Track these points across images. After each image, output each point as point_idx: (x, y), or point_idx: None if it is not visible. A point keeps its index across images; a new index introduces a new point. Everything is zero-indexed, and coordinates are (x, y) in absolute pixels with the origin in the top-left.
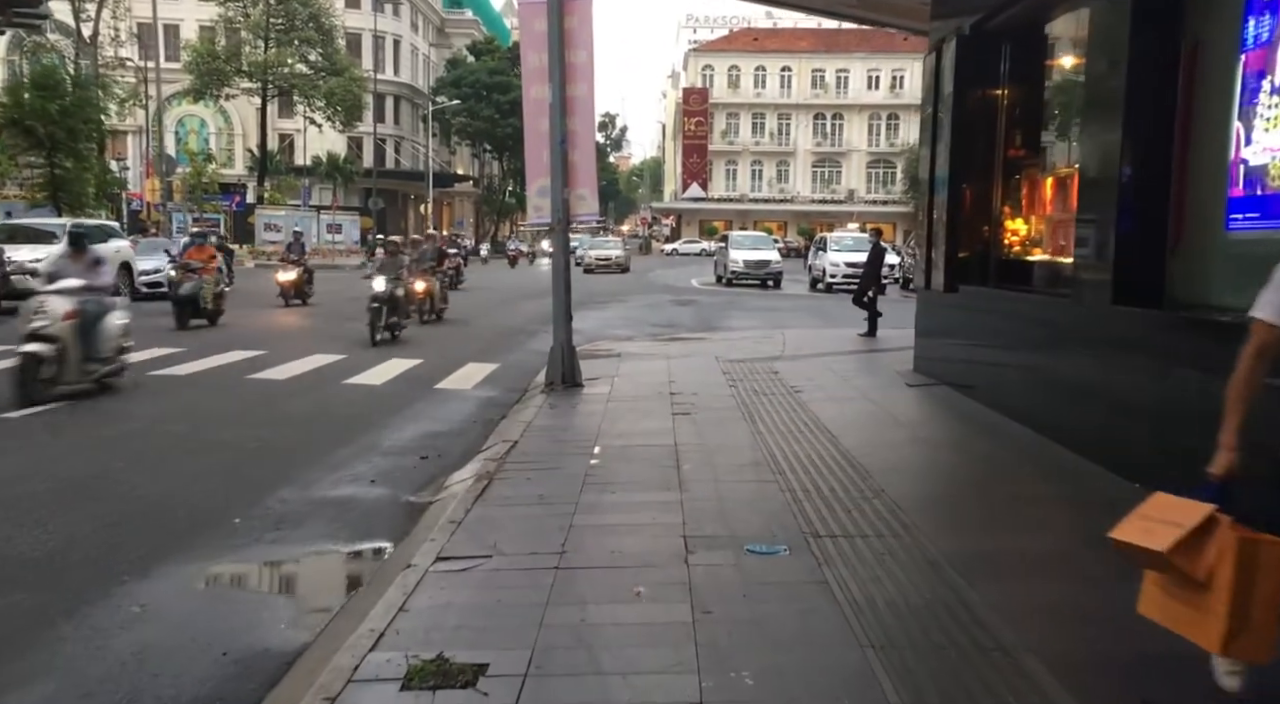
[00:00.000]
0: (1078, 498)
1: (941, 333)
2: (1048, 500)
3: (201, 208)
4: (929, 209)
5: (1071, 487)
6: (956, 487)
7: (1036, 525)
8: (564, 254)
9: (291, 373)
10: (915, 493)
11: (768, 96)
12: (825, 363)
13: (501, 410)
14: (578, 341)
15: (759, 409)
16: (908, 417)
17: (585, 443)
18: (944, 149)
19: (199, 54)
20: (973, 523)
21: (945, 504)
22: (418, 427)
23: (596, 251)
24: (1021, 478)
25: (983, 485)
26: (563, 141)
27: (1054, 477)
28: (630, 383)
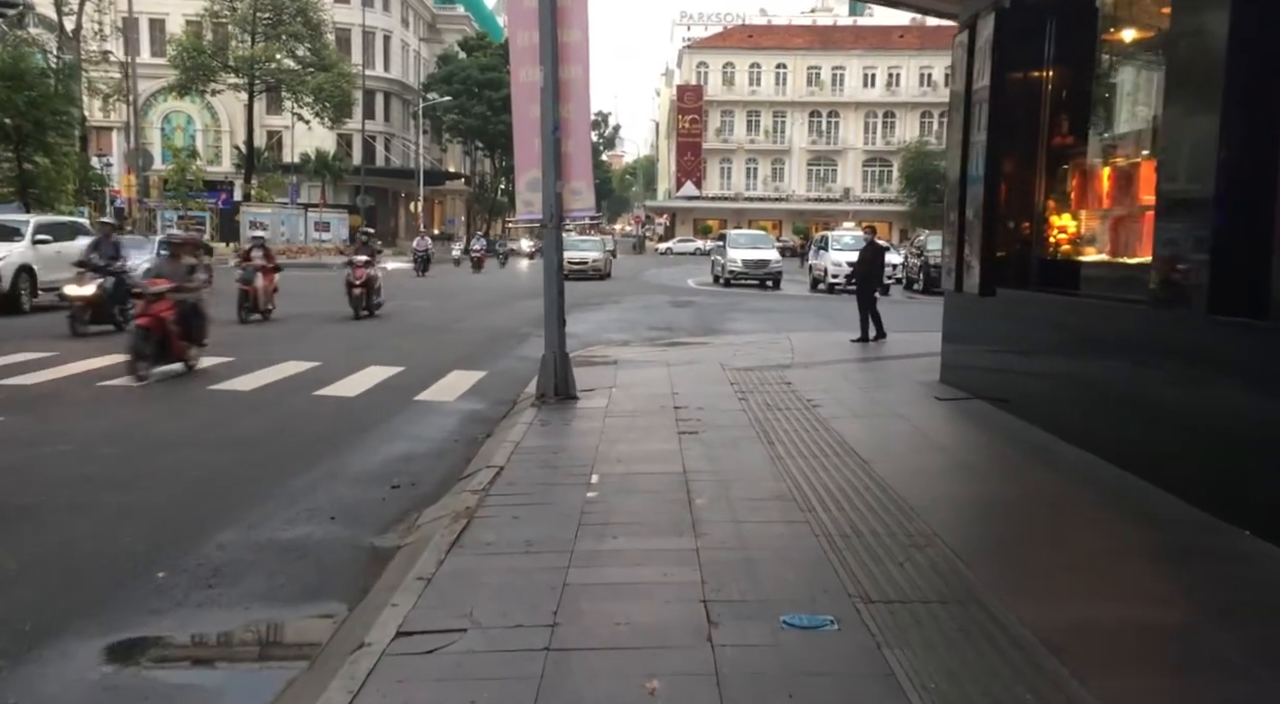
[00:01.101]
0: (1179, 549)
1: (975, 341)
2: (1142, 552)
3: (186, 205)
4: (959, 205)
5: (1166, 533)
6: (1022, 530)
7: (1138, 587)
8: (557, 254)
9: (258, 383)
10: (975, 538)
11: (762, 94)
12: (840, 372)
13: (487, 427)
14: (571, 346)
15: (775, 427)
16: (944, 437)
17: (580, 469)
18: (979, 138)
19: (184, 48)
20: (1055, 583)
21: (1014, 555)
22: (392, 447)
23: (569, 253)
24: (1099, 519)
25: (1054, 529)
26: (555, 129)
27: (1140, 518)
28: (629, 395)
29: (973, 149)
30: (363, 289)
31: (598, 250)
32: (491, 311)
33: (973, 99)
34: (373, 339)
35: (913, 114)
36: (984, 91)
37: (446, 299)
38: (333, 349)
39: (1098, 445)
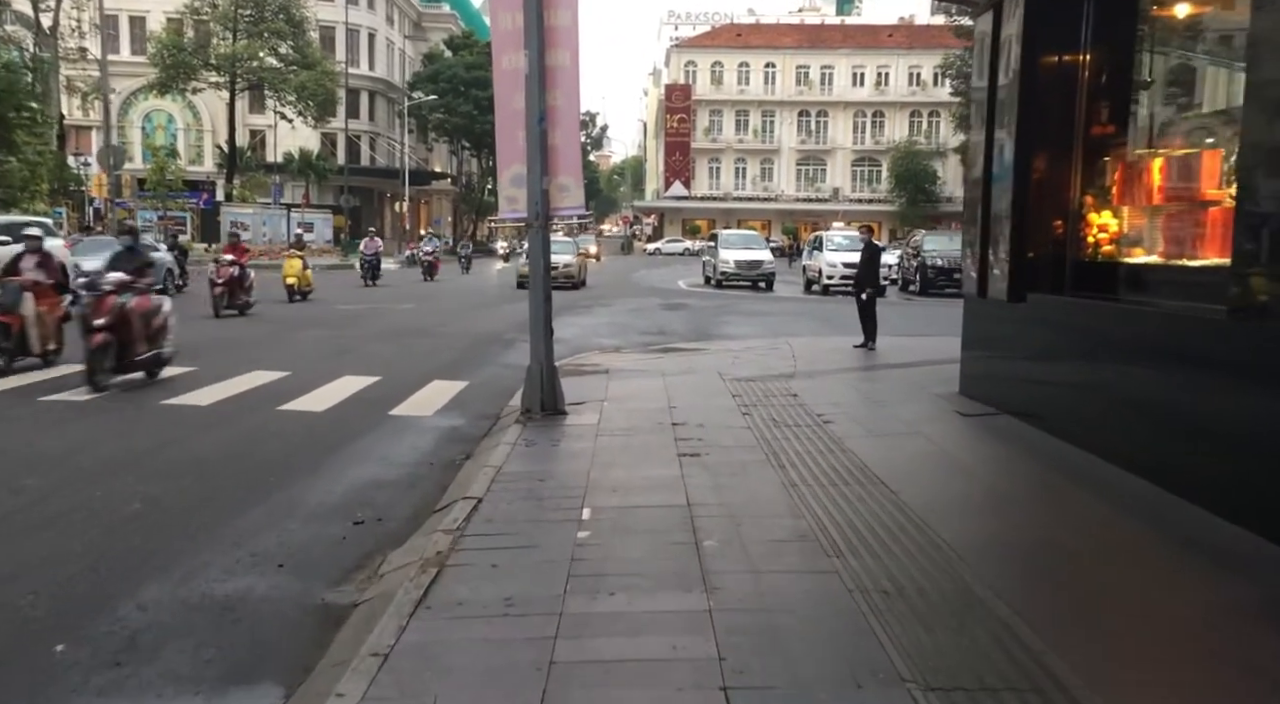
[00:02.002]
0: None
1: (1001, 350)
2: (1242, 613)
3: (166, 206)
4: (983, 203)
5: (1262, 586)
6: (1092, 586)
7: (1252, 666)
8: (544, 256)
9: (218, 396)
10: (1040, 599)
11: (751, 93)
12: (849, 382)
13: (466, 446)
14: (559, 353)
15: (785, 448)
16: (975, 459)
17: (570, 501)
18: (1005, 130)
19: (164, 45)
20: (1164, 670)
21: (1090, 622)
22: (359, 472)
23: None
24: (1179, 568)
25: (1130, 583)
26: (541, 120)
27: (1227, 566)
28: (622, 409)
29: (998, 142)
30: (224, 288)
31: (568, 253)
32: (401, 341)
33: (998, 87)
34: (350, 345)
35: (902, 113)
36: (1012, 78)
37: (329, 329)
38: (306, 356)
39: (1153, 471)
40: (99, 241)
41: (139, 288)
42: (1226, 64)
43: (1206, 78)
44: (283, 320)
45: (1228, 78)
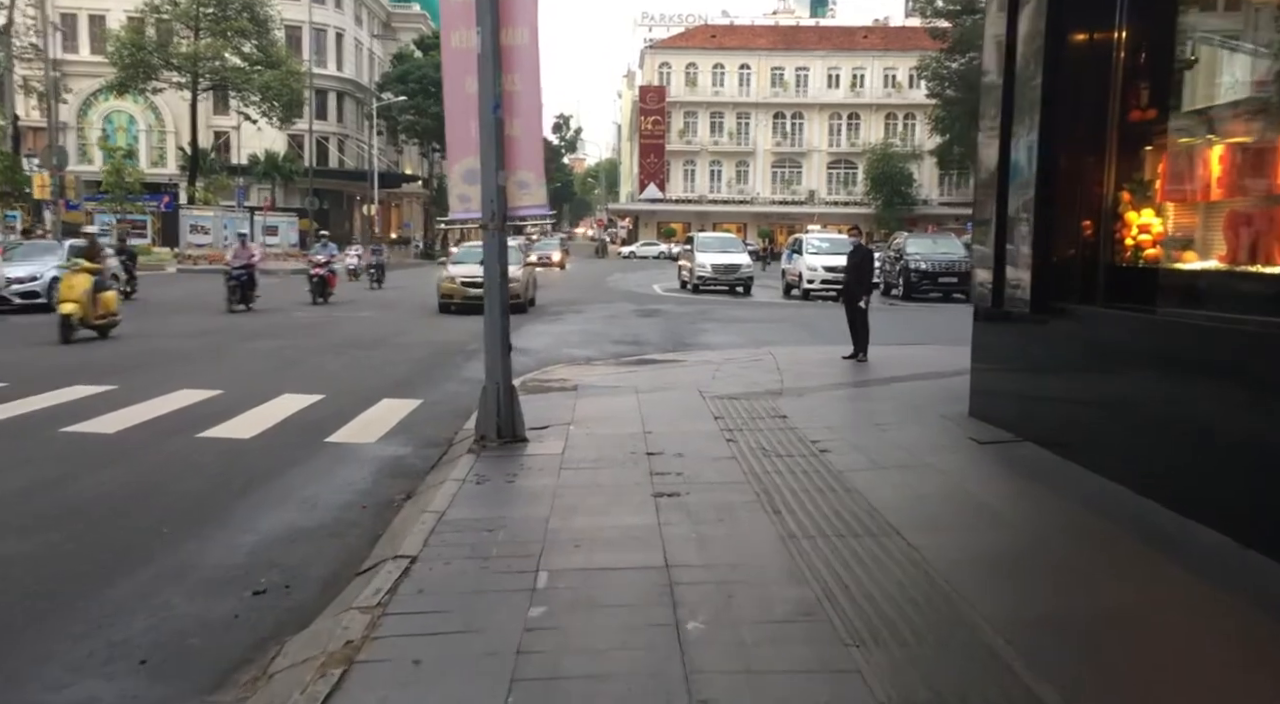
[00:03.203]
0: None
1: (1020, 367)
2: None
3: (124, 208)
4: (997, 201)
5: None
6: (1208, 685)
7: None
8: (500, 261)
9: (130, 421)
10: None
11: (726, 95)
12: (842, 400)
13: (409, 483)
14: (525, 366)
15: (777, 484)
16: (1002, 501)
17: (523, 561)
18: (1025, 118)
19: (122, 44)
20: None
21: None
22: (276, 519)
23: (459, 268)
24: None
25: (1243, 687)
26: (496, 107)
27: None
28: (591, 435)
29: (1017, 132)
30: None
31: (517, 263)
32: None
33: (1015, 70)
34: (301, 357)
35: (877, 116)
36: (1034, 58)
37: None
38: (245, 371)
39: (1223, 519)
40: (38, 246)
41: None
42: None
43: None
44: (226, 330)
45: None
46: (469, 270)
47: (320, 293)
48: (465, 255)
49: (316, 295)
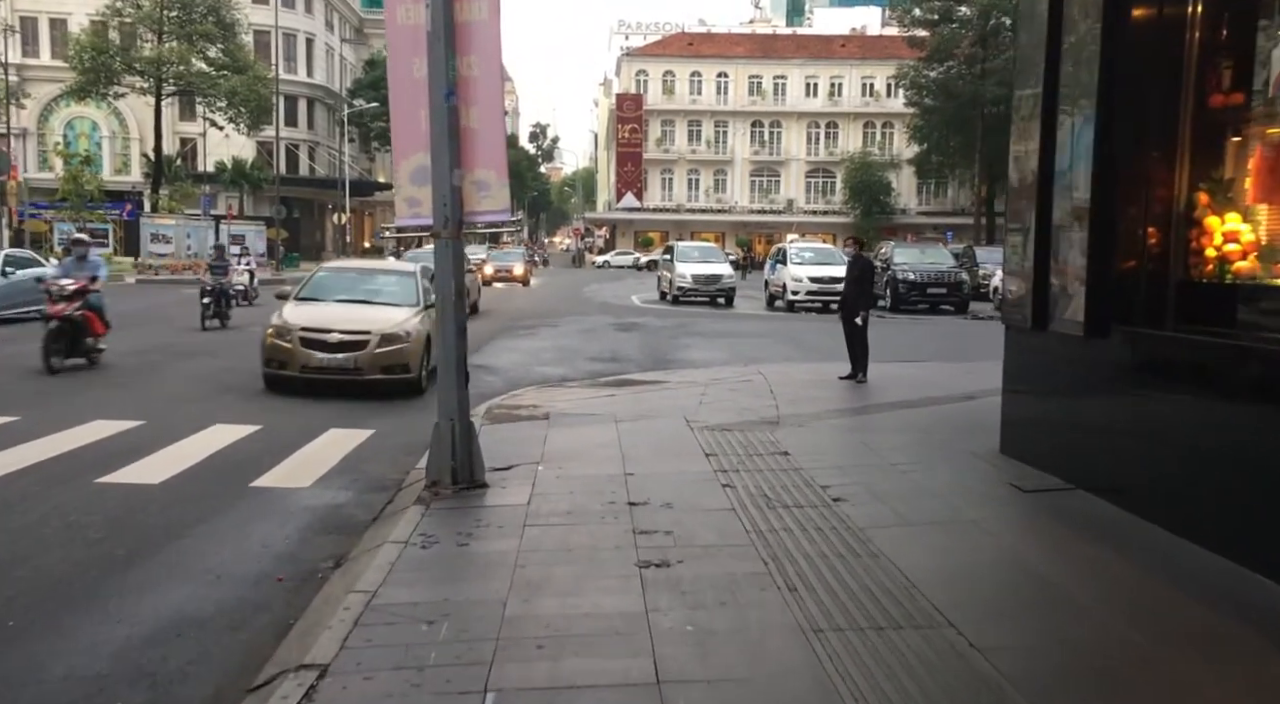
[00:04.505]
0: None
1: (1069, 401)
2: None
3: (83, 216)
4: (1039, 206)
5: None
6: None
7: None
8: (455, 276)
9: (16, 464)
10: None
11: (704, 103)
12: (849, 432)
13: (342, 543)
14: (494, 387)
15: (789, 548)
16: (1068, 573)
17: (469, 674)
18: (1075, 108)
19: (82, 47)
20: None
21: None
22: (162, 602)
23: (314, 312)
24: None
25: None
26: (450, 94)
27: None
28: (563, 478)
29: (1065, 124)
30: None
31: (406, 302)
32: None
33: (1061, 54)
34: (237, 382)
35: (855, 124)
36: (1088, 35)
37: None
38: (177, 395)
39: None
40: None
41: None
42: None
43: None
44: (173, 347)
45: None
46: (325, 316)
47: (218, 313)
48: (327, 285)
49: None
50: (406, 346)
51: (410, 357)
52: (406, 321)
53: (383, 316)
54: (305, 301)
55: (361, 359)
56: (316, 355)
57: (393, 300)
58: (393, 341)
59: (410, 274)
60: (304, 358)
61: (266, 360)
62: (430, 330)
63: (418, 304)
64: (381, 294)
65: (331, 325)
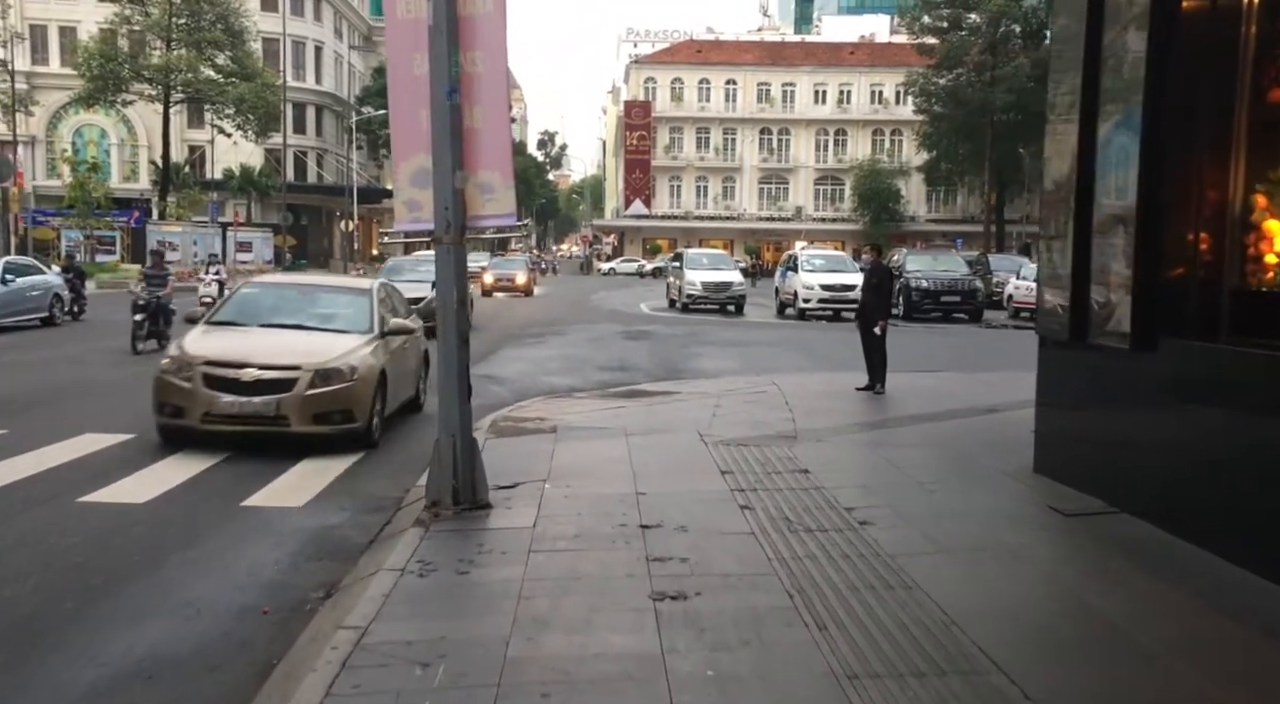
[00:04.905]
0: None
1: (1111, 419)
2: None
3: (90, 224)
4: (1076, 210)
5: None
6: None
7: None
8: (457, 284)
9: (8, 478)
10: None
11: (712, 110)
12: (871, 447)
13: (335, 568)
14: (499, 396)
15: (815, 578)
16: (1129, 612)
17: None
18: (1121, 102)
19: (90, 54)
20: None
21: None
22: (135, 638)
23: (228, 343)
24: None
25: None
26: (452, 92)
27: None
28: (571, 498)
29: (1107, 120)
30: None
31: (356, 327)
32: None
33: (1106, 40)
34: None
35: (864, 132)
36: (1134, 28)
37: None
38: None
39: None
40: None
41: None
42: None
43: None
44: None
45: None
46: (242, 346)
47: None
48: (252, 305)
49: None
50: (351, 386)
51: (355, 400)
52: (352, 353)
53: (321, 347)
54: (220, 327)
55: (287, 404)
56: (224, 399)
57: (338, 325)
58: (331, 379)
59: (363, 292)
60: (207, 402)
61: (158, 405)
62: (388, 364)
63: (370, 331)
64: (323, 318)
65: (248, 358)
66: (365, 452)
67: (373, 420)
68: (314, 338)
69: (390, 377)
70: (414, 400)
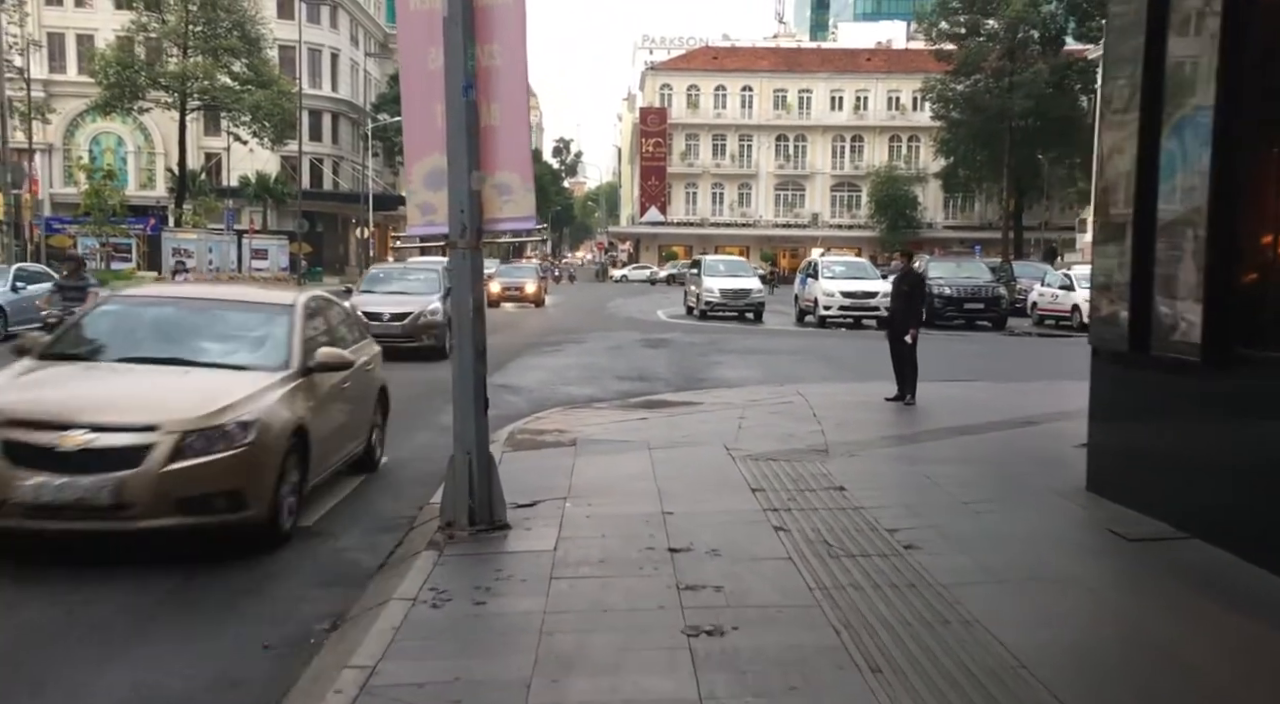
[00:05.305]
0: None
1: (1177, 436)
2: None
3: (105, 231)
4: (1137, 212)
5: None
6: None
7: None
8: (475, 291)
9: None
10: None
11: (728, 117)
12: (908, 463)
13: (343, 595)
14: (516, 407)
15: (860, 610)
16: (1205, 646)
17: None
18: (1190, 92)
19: (107, 62)
20: None
21: None
22: (124, 674)
23: (56, 384)
24: None
25: None
26: (468, 88)
27: None
28: (594, 518)
29: (1173, 112)
30: None
31: (263, 362)
32: None
33: (1172, 26)
34: None
35: (881, 138)
36: (1206, 9)
37: None
38: None
39: None
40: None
41: None
42: None
43: None
44: None
45: None
46: (75, 395)
47: None
48: (112, 328)
49: None
50: (240, 455)
51: (248, 474)
52: (249, 402)
53: (199, 393)
54: (56, 362)
55: (133, 485)
56: (29, 481)
57: (237, 359)
58: (210, 445)
59: (280, 310)
60: (6, 486)
61: None
62: (312, 414)
63: (284, 366)
64: (216, 348)
65: (74, 414)
66: (381, 463)
67: (279, 502)
68: (192, 380)
69: (316, 432)
70: (364, 456)
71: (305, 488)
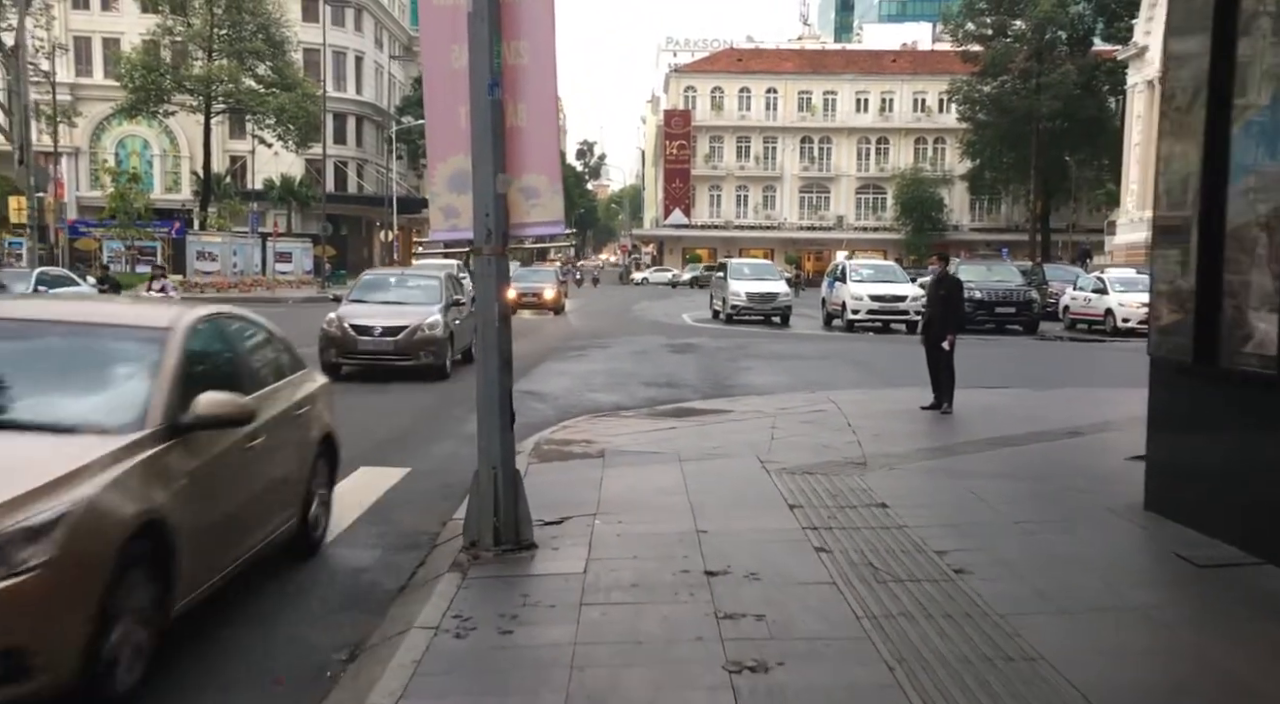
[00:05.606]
0: None
1: (1250, 454)
2: None
3: (130, 234)
4: (1202, 215)
5: None
6: None
7: None
8: (499, 299)
9: None
10: None
11: (752, 119)
12: (952, 478)
13: (362, 621)
14: (542, 415)
15: (913, 643)
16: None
17: None
18: (1263, 88)
19: (133, 65)
20: None
21: None
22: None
23: None
24: None
25: None
26: (494, 86)
27: None
28: (625, 537)
29: (1246, 109)
30: None
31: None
32: None
33: (1243, 19)
34: None
35: (906, 140)
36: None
37: None
38: None
39: None
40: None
41: None
42: None
43: None
44: None
45: None
46: None
47: None
48: None
49: None
50: (17, 587)
51: (33, 617)
52: (54, 489)
53: None
54: None
55: None
56: None
57: (52, 415)
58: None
59: (148, 336)
60: None
61: None
62: (175, 502)
63: (138, 425)
64: (29, 400)
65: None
66: (403, 476)
67: (100, 655)
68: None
69: (190, 525)
70: (296, 534)
71: (172, 608)
